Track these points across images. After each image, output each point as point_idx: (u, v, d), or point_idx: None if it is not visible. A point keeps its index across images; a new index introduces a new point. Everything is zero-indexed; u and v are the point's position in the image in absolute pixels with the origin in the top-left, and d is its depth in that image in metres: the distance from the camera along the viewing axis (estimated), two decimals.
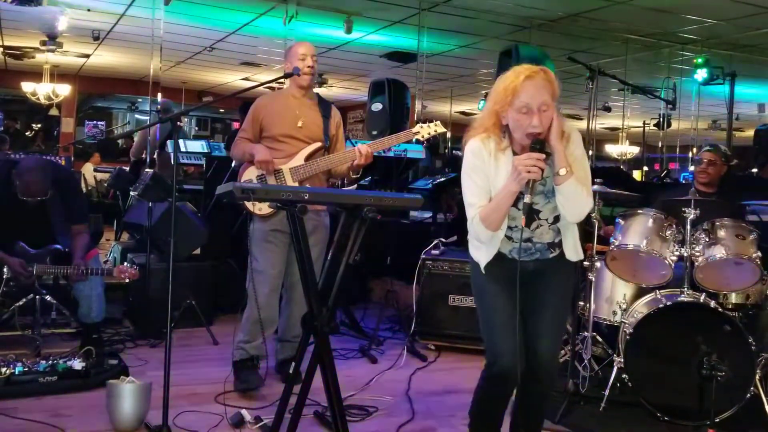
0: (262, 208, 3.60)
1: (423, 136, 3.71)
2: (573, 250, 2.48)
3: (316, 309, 2.42)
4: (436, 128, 3.74)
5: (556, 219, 2.45)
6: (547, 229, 2.45)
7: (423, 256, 4.85)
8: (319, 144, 3.69)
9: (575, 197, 2.34)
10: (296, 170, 3.61)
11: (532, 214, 2.40)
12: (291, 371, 2.55)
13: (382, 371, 4.10)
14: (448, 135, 13.00)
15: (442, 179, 6.51)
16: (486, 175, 2.38)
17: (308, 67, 3.67)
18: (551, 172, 2.36)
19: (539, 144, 2.29)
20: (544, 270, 2.48)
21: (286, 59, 3.81)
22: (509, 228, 2.42)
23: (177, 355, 3.83)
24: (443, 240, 4.93)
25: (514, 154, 2.38)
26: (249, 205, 3.60)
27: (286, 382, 2.57)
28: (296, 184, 3.55)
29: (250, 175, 3.63)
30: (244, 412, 3.12)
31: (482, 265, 2.46)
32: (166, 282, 2.83)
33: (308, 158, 3.63)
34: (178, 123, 2.93)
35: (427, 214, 6.74)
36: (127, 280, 4.02)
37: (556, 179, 2.33)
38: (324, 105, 3.84)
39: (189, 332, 4.72)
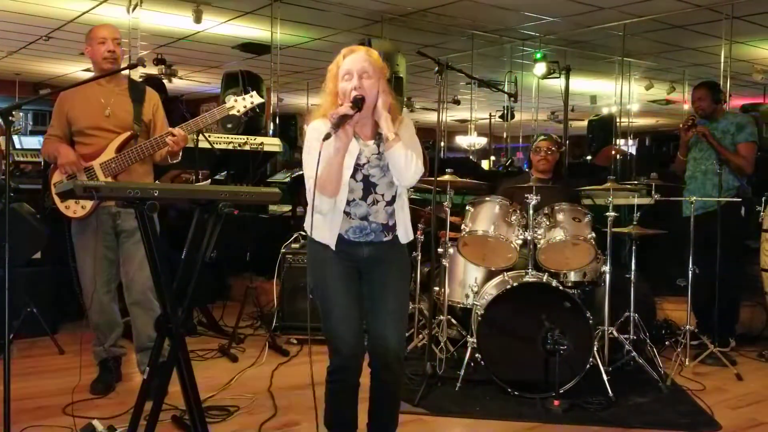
0: (76, 210, 3.40)
1: (239, 110, 3.41)
2: (404, 231, 2.60)
3: (170, 310, 2.35)
4: (252, 99, 3.41)
5: (393, 200, 2.55)
6: (383, 207, 2.54)
7: (283, 250, 4.84)
8: (129, 133, 3.44)
9: (405, 160, 2.45)
10: (107, 165, 3.38)
11: (369, 186, 2.50)
12: (145, 376, 2.46)
13: (243, 369, 4.04)
14: (306, 127, 12.93)
15: (301, 172, 6.48)
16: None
17: (108, 51, 3.46)
18: (385, 149, 2.49)
19: (358, 103, 2.39)
20: (380, 257, 2.56)
21: (86, 43, 3.57)
22: (348, 204, 2.49)
23: (18, 368, 3.55)
24: (303, 233, 4.93)
25: (355, 136, 2.47)
26: (62, 207, 3.40)
27: (141, 388, 2.46)
28: (110, 180, 3.33)
29: (59, 176, 3.41)
30: (95, 422, 2.95)
31: (331, 244, 2.50)
32: (2, 290, 2.66)
33: (120, 150, 3.40)
34: (11, 117, 2.70)
35: (287, 208, 6.70)
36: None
37: (386, 145, 2.46)
38: (136, 89, 3.60)
39: (31, 342, 4.40)
